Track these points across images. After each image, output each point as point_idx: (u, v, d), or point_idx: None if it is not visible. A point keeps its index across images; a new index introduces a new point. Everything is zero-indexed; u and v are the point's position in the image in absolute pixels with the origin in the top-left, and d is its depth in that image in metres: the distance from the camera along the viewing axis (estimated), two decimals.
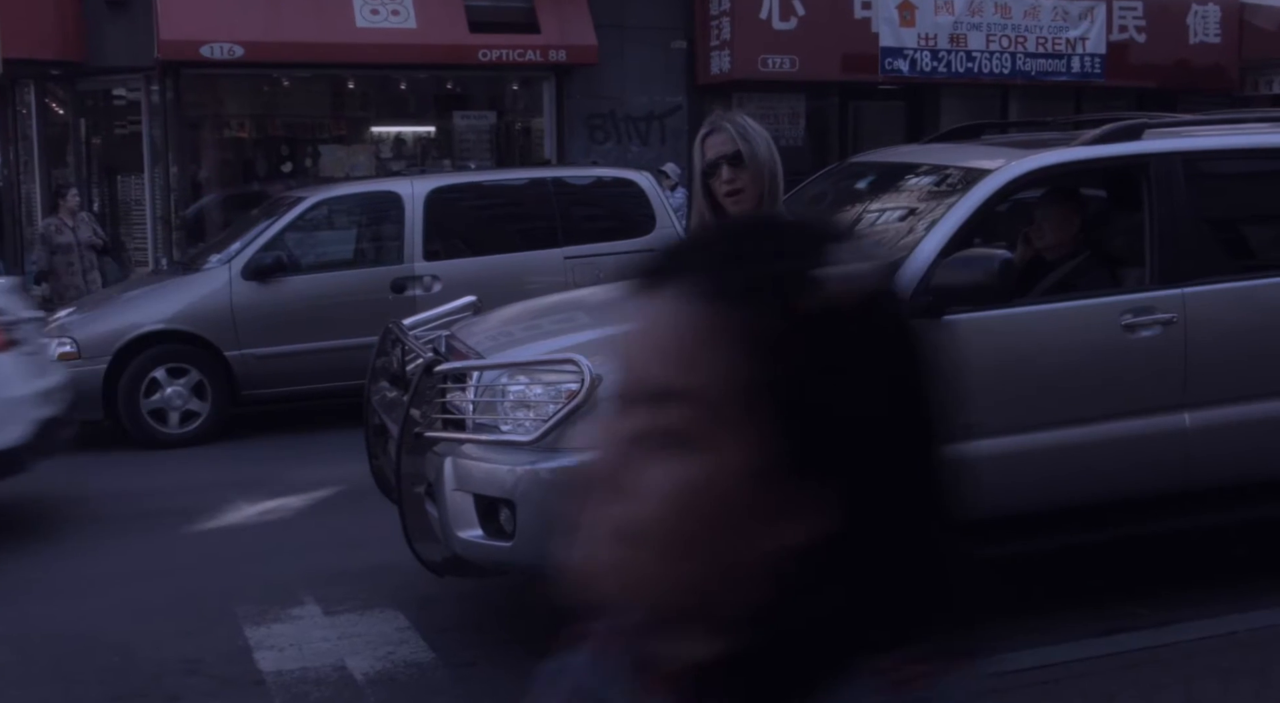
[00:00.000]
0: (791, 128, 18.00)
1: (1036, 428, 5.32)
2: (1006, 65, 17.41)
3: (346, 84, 17.63)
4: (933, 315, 5.14)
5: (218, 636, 5.88)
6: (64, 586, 6.78)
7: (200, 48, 14.79)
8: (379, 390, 6.19)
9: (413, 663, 5.47)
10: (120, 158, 17.47)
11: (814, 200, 6.85)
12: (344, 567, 6.71)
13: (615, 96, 17.09)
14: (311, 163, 17.10)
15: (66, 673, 5.54)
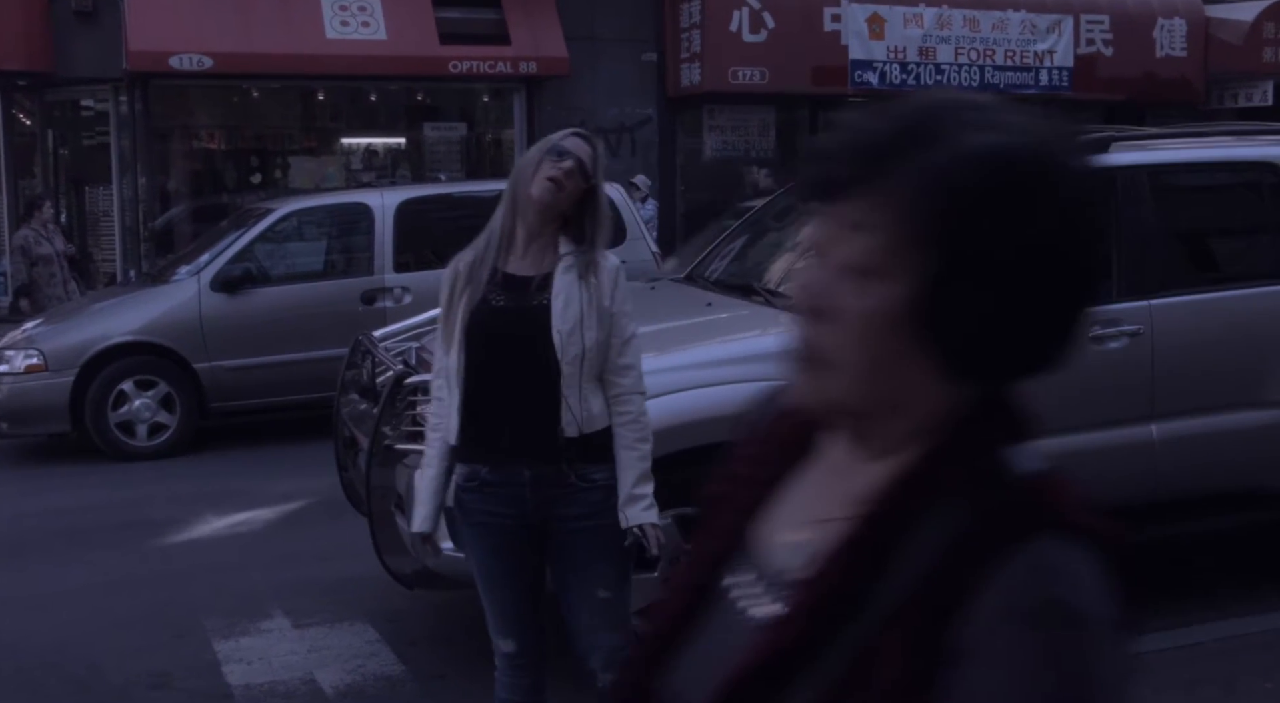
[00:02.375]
0: (762, 140, 18.08)
1: None
2: (975, 78, 17.53)
3: (316, 95, 17.60)
4: None
5: (186, 649, 5.85)
6: (30, 599, 6.73)
7: (169, 59, 14.75)
8: (349, 402, 6.18)
9: (382, 676, 5.46)
10: (88, 169, 17.39)
11: (783, 213, 6.88)
12: (313, 580, 6.69)
13: (586, 108, 17.11)
14: (281, 174, 17.07)
15: (33, 686, 5.50)
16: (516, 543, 3.63)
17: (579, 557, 3.63)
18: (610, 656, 3.66)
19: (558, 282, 3.58)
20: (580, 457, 3.60)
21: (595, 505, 3.62)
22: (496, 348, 3.55)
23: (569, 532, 3.62)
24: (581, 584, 3.65)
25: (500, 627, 3.72)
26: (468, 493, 3.62)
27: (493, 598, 3.70)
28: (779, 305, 5.58)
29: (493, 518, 3.61)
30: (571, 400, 3.54)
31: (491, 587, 3.69)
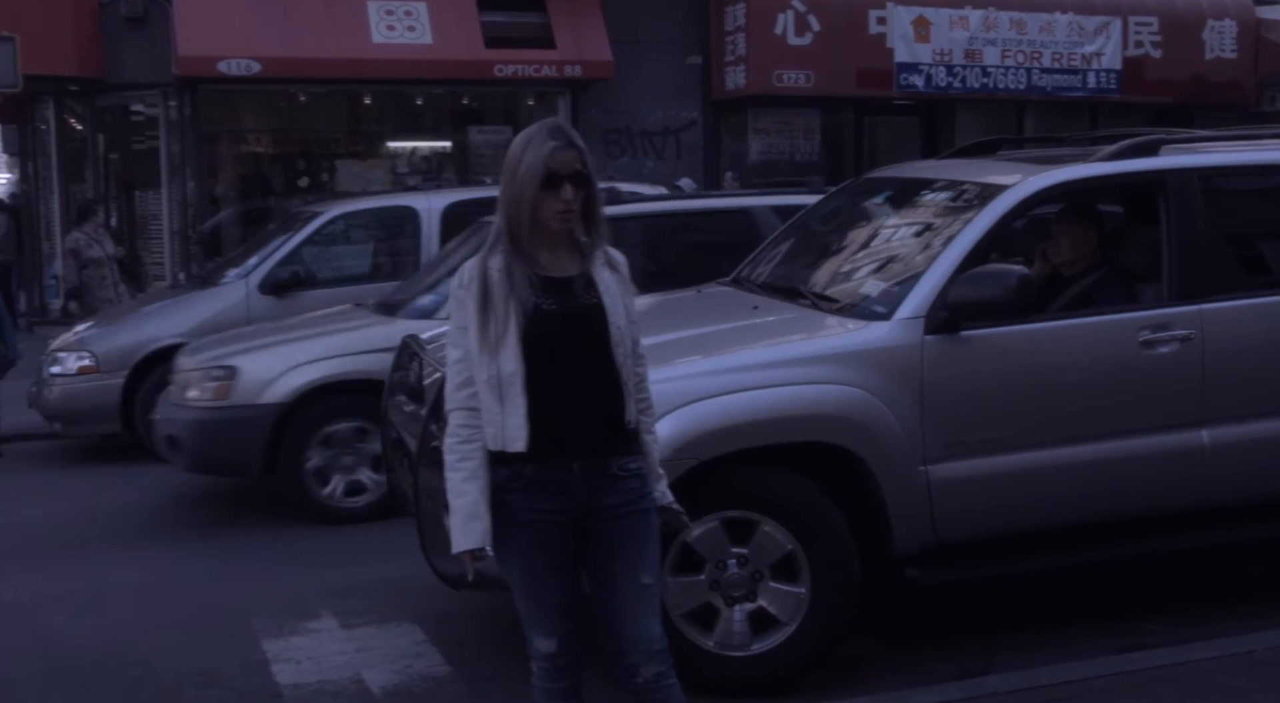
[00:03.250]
0: (806, 143, 18.03)
1: (1053, 444, 5.32)
2: (1022, 81, 17.43)
3: (363, 99, 17.70)
4: (949, 331, 5.15)
5: (236, 648, 5.90)
6: (83, 598, 6.81)
7: (218, 64, 14.87)
8: (396, 405, 6.22)
9: (429, 677, 5.48)
10: (138, 173, 17.55)
11: (830, 216, 6.87)
12: (361, 580, 6.73)
13: (630, 111, 17.13)
14: (328, 178, 17.16)
15: (85, 685, 5.57)
16: (558, 536, 3.64)
17: (623, 543, 3.65)
18: (651, 646, 3.66)
19: (601, 279, 3.62)
20: (624, 448, 3.65)
21: (633, 493, 3.67)
22: (556, 351, 3.56)
23: (611, 520, 3.64)
24: (625, 572, 3.66)
25: (542, 624, 3.72)
26: (510, 493, 3.63)
27: (535, 595, 3.70)
28: (826, 308, 5.57)
29: (535, 514, 3.62)
30: (628, 392, 3.62)
31: (534, 583, 3.69)
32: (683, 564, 4.93)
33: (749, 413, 4.95)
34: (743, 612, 5.00)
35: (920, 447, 5.10)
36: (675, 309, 6.18)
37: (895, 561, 5.16)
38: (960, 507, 5.20)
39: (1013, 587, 5.98)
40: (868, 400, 5.03)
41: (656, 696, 3.69)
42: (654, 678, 3.67)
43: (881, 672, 5.30)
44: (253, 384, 8.02)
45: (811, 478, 5.05)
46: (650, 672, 3.66)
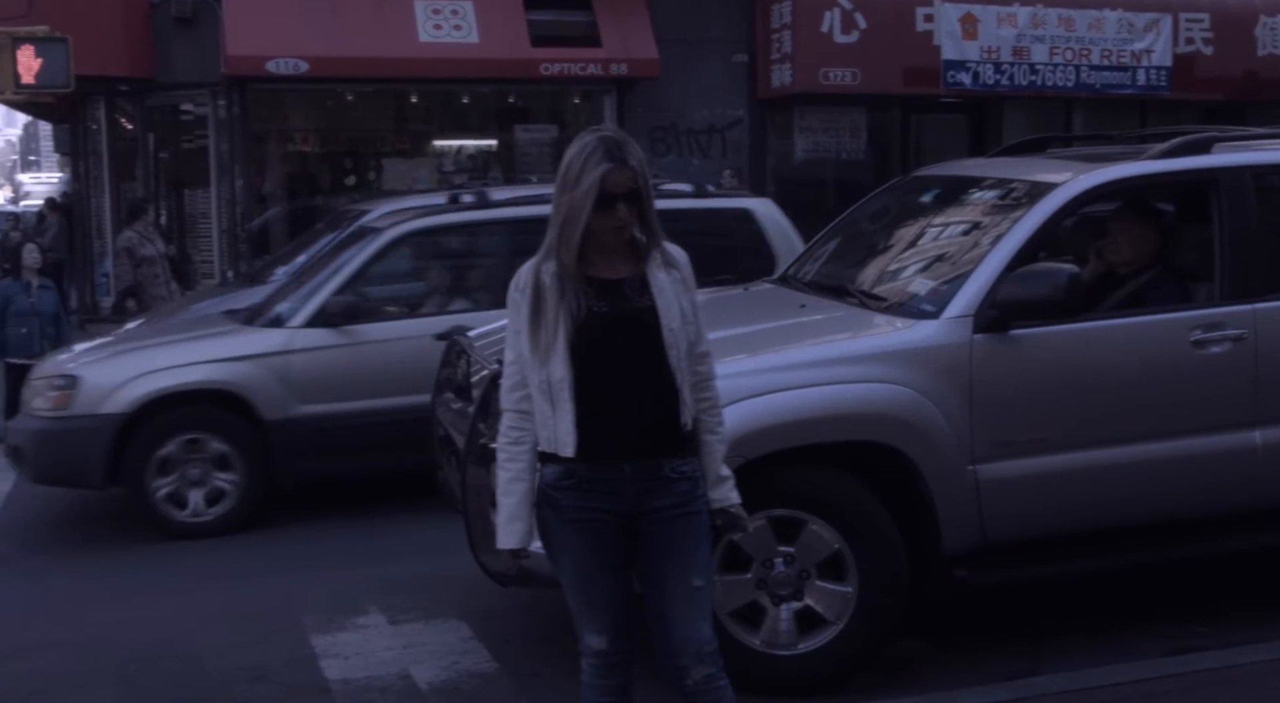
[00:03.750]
0: (852, 141, 17.95)
1: (1103, 445, 5.27)
2: (1070, 78, 17.27)
3: (409, 98, 17.76)
4: (998, 330, 5.12)
5: (284, 644, 5.94)
6: (132, 592, 6.88)
7: (266, 63, 14.96)
8: (444, 402, 6.24)
9: (476, 673, 5.50)
10: (187, 172, 17.70)
11: (878, 214, 6.84)
12: (408, 577, 6.77)
13: (676, 110, 17.11)
14: (375, 176, 17.24)
15: (133, 679, 5.62)
16: (609, 535, 3.64)
17: (675, 545, 3.64)
18: (702, 648, 3.65)
19: (655, 280, 3.61)
20: (678, 450, 3.63)
21: (685, 495, 3.66)
22: (608, 354, 3.56)
23: (663, 521, 3.63)
24: (676, 573, 3.65)
25: (594, 622, 3.72)
26: (560, 492, 3.64)
27: (587, 593, 3.71)
28: (873, 307, 5.55)
29: (587, 513, 3.62)
30: (686, 395, 3.61)
31: (585, 581, 3.70)
32: (729, 563, 4.93)
33: (797, 411, 4.94)
34: (789, 611, 4.99)
35: (969, 446, 5.08)
36: (722, 307, 6.17)
37: (943, 561, 5.13)
38: (1009, 507, 5.17)
39: (1061, 588, 5.94)
40: (916, 399, 5.01)
41: (707, 697, 3.68)
42: (704, 680, 3.66)
43: (929, 672, 5.28)
44: (93, 394, 7.88)
45: (859, 477, 5.03)
46: (700, 674, 3.65)
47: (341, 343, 8.17)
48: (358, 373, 8.12)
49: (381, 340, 8.23)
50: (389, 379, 8.06)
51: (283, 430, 7.98)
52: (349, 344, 8.17)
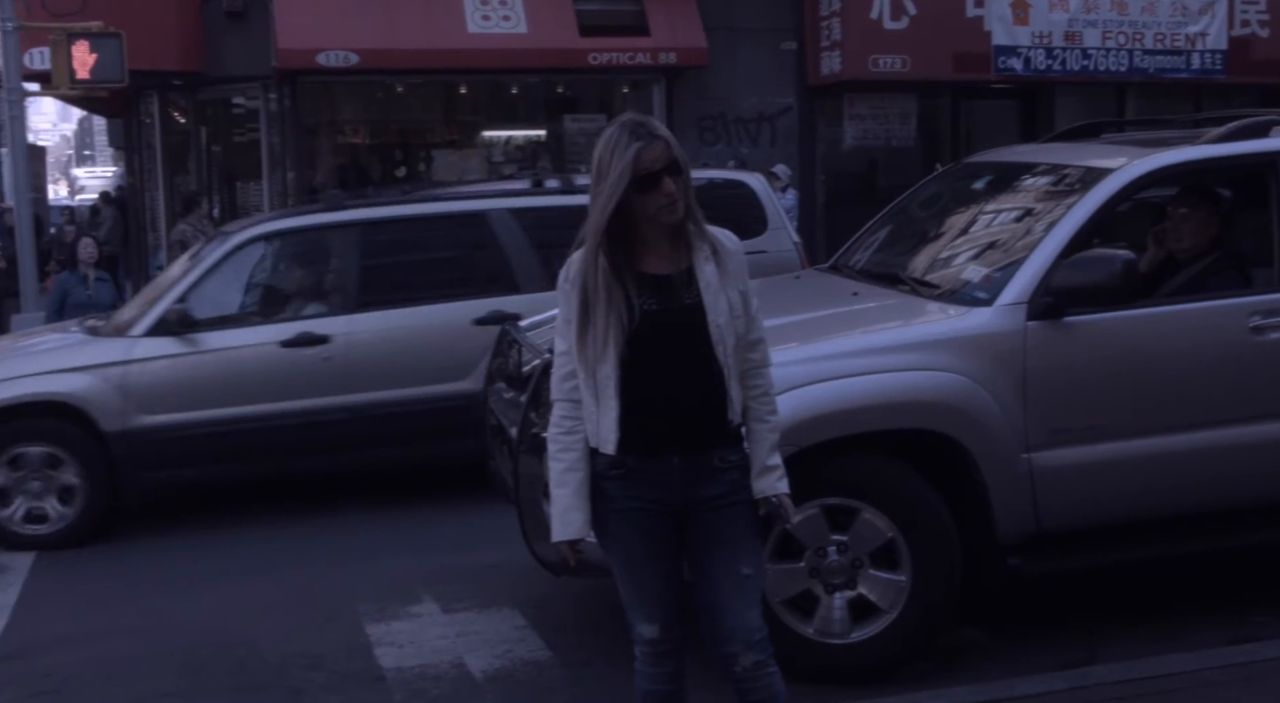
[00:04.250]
0: (902, 129, 17.85)
1: (1160, 432, 5.23)
2: (1123, 63, 17.09)
3: (458, 89, 17.82)
4: (1052, 317, 5.09)
5: (339, 632, 6.00)
6: (191, 580, 6.96)
7: (316, 56, 15.06)
8: (496, 392, 6.26)
9: (530, 662, 5.53)
10: (239, 165, 17.85)
11: (929, 201, 6.81)
12: (462, 566, 6.80)
13: (725, 98, 17.08)
14: (425, 167, 17.32)
15: (195, 665, 5.69)
16: (659, 524, 3.65)
17: (723, 535, 3.64)
18: (751, 636, 3.64)
19: (702, 275, 3.59)
20: (727, 441, 3.63)
21: (734, 484, 3.65)
22: (656, 350, 3.54)
23: (711, 510, 3.63)
24: (724, 562, 3.65)
25: (644, 611, 3.73)
26: (610, 481, 3.64)
27: (637, 581, 3.72)
28: (926, 294, 5.52)
29: (635, 503, 3.63)
30: (733, 390, 3.59)
31: (635, 570, 3.71)
32: (782, 551, 4.92)
33: (850, 399, 4.92)
34: (842, 599, 4.98)
35: (1023, 434, 5.05)
36: (774, 295, 6.15)
37: (997, 549, 5.11)
38: (1064, 495, 5.13)
39: (1117, 576, 5.90)
40: (970, 387, 4.98)
41: (756, 684, 3.69)
42: (753, 667, 3.66)
43: (984, 661, 5.25)
44: None
45: (913, 466, 5.01)
46: (749, 661, 3.65)
47: (183, 352, 7.96)
48: (200, 382, 7.95)
49: (225, 348, 8.05)
50: (234, 387, 7.96)
51: (123, 441, 7.78)
52: (191, 352, 7.97)
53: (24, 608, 6.63)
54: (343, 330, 8.13)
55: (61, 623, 6.34)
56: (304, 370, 8.03)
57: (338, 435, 8.05)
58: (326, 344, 8.06)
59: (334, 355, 8.06)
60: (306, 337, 8.08)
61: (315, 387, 8.01)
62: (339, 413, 8.03)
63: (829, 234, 16.82)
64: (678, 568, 3.74)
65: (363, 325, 8.19)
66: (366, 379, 8.07)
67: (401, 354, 8.18)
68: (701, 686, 4.03)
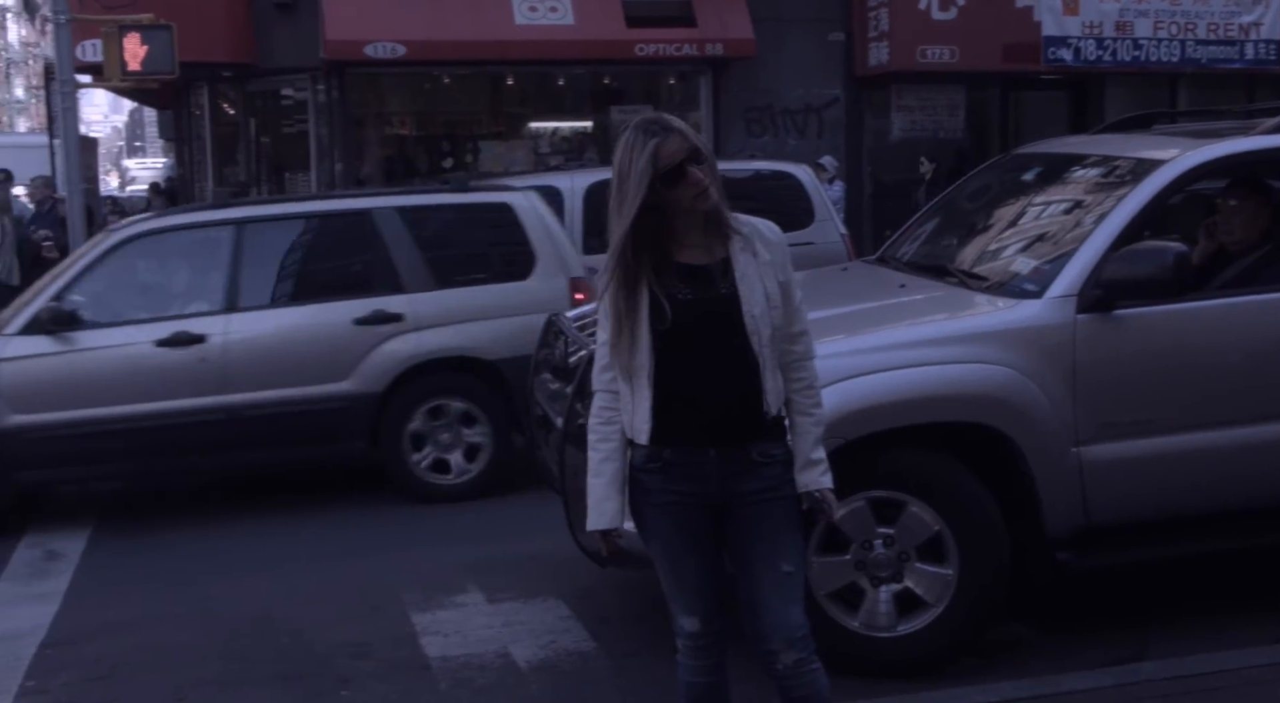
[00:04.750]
0: (950, 120, 17.76)
1: (1211, 426, 5.17)
2: (1175, 53, 16.93)
3: (505, 81, 17.87)
4: (1102, 310, 5.04)
5: (384, 621, 6.02)
6: (239, 568, 7.01)
7: (364, 47, 15.14)
8: (542, 382, 6.27)
9: (575, 652, 5.54)
10: (288, 156, 17.96)
11: (978, 193, 6.76)
12: (507, 556, 6.82)
13: (772, 90, 17.03)
14: (471, 159, 17.37)
15: (241, 653, 5.73)
16: (698, 517, 3.63)
17: (762, 530, 3.61)
18: (792, 634, 3.61)
19: (738, 265, 3.56)
20: (765, 435, 3.60)
21: (775, 479, 3.61)
22: (691, 341, 3.53)
23: (750, 505, 3.60)
24: (764, 558, 3.62)
25: (684, 603, 3.72)
26: (647, 474, 3.63)
27: (676, 574, 3.71)
28: (974, 287, 5.48)
29: (673, 496, 3.61)
30: (768, 381, 3.55)
31: (674, 562, 3.70)
32: (828, 544, 4.91)
33: (897, 392, 4.90)
34: (888, 593, 4.96)
35: (1072, 428, 5.01)
36: (821, 287, 6.13)
37: (1045, 543, 5.07)
38: (1113, 489, 5.09)
39: (1167, 572, 5.84)
40: (1018, 380, 4.94)
41: (798, 681, 3.66)
42: (794, 665, 3.63)
43: (1031, 656, 5.22)
44: None
45: (960, 459, 4.98)
46: (790, 659, 3.62)
47: (56, 351, 7.81)
48: (73, 381, 7.79)
49: (99, 347, 7.89)
50: (107, 387, 7.80)
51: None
52: (64, 352, 7.82)
53: (74, 594, 6.70)
54: (220, 330, 7.97)
55: (111, 610, 6.41)
56: (179, 370, 7.87)
57: (214, 436, 7.90)
58: (203, 344, 7.90)
59: (210, 355, 7.90)
60: (182, 336, 7.91)
61: (191, 387, 7.85)
62: (215, 413, 7.87)
63: (876, 226, 16.76)
64: (718, 562, 3.72)
65: (240, 325, 8.03)
66: (243, 379, 7.92)
67: (279, 354, 8.04)
68: (744, 678, 4.02)
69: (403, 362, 8.10)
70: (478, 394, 8.23)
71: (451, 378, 8.24)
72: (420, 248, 8.38)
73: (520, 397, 7.92)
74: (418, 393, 8.16)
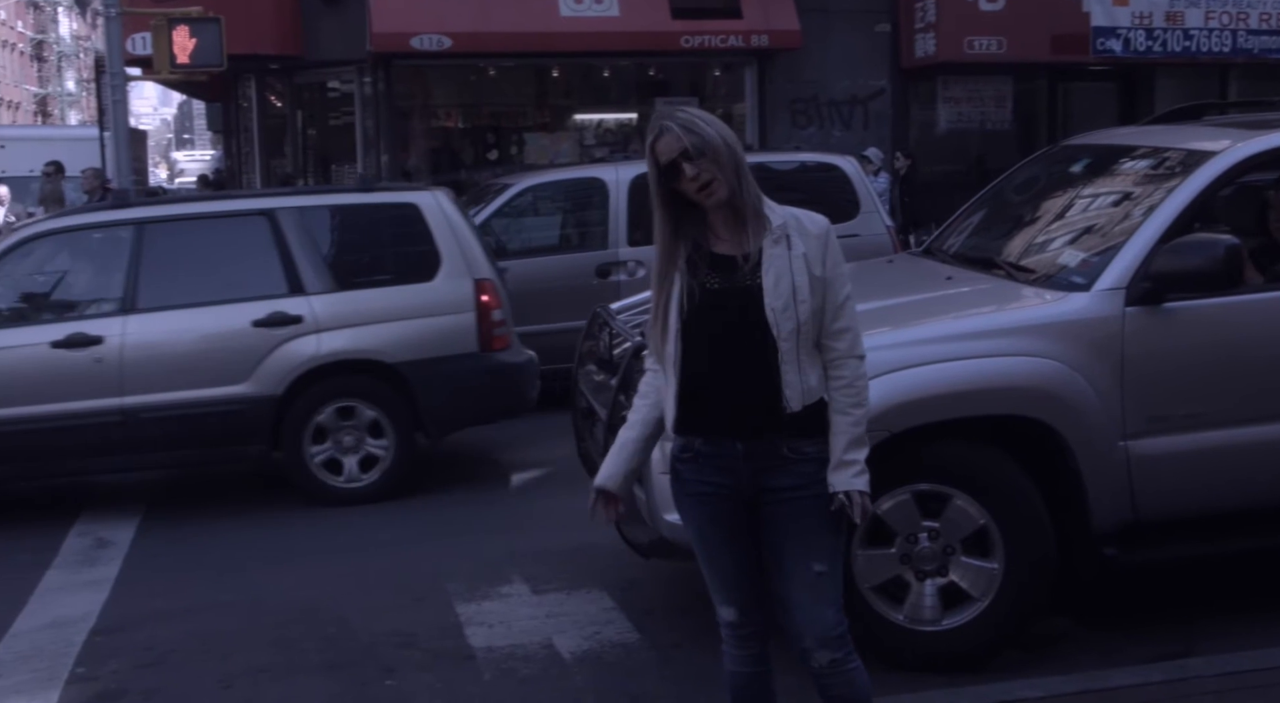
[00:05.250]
0: (998, 111, 17.65)
1: (1262, 420, 5.11)
2: (1226, 43, 16.76)
3: (550, 72, 17.90)
4: (1151, 303, 5.00)
5: (429, 611, 6.05)
6: (286, 557, 7.07)
7: (410, 39, 15.20)
8: (586, 374, 6.28)
9: (619, 643, 5.55)
10: (334, 148, 18.07)
11: (1025, 185, 6.71)
12: (551, 547, 6.84)
13: (818, 81, 16.98)
14: (517, 150, 17.41)
15: (289, 642, 5.77)
16: (732, 509, 3.63)
17: (794, 528, 3.59)
18: (826, 634, 3.59)
19: (767, 257, 3.54)
20: (794, 430, 3.57)
21: (808, 477, 3.58)
22: (711, 332, 3.53)
23: (780, 503, 3.58)
24: (797, 558, 3.60)
25: (721, 594, 3.72)
26: (682, 463, 3.65)
27: (713, 565, 3.71)
28: (1022, 279, 5.45)
29: (707, 487, 3.62)
30: (790, 376, 3.50)
31: (711, 553, 3.70)
32: (873, 537, 4.89)
33: (943, 385, 4.87)
34: (933, 586, 4.94)
35: (1120, 422, 4.96)
36: (868, 280, 6.11)
37: (1092, 538, 5.03)
38: (1162, 484, 5.04)
39: (1216, 568, 5.79)
40: (1066, 374, 4.91)
41: (834, 680, 3.64)
42: (829, 665, 3.61)
43: (1078, 651, 5.19)
44: None
45: (1006, 452, 4.95)
46: (825, 659, 3.60)
47: None
48: None
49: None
50: (3, 388, 7.71)
51: None
52: None
53: (124, 582, 6.77)
54: (117, 331, 7.85)
55: (160, 598, 6.48)
56: (75, 372, 7.77)
57: (110, 439, 7.81)
58: (99, 345, 7.78)
59: (106, 357, 7.78)
60: (79, 337, 7.81)
61: (87, 389, 7.75)
62: (111, 415, 7.77)
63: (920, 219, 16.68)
64: (754, 554, 3.71)
65: (137, 326, 7.91)
66: (141, 382, 7.81)
67: (177, 356, 7.92)
68: (785, 670, 4.01)
69: (301, 364, 7.95)
70: (379, 397, 8.09)
71: (352, 381, 8.10)
72: (322, 249, 8.28)
73: (423, 398, 8.06)
74: (318, 396, 8.03)
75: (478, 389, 8.27)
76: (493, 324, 8.26)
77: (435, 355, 8.11)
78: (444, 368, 8.12)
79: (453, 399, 8.19)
